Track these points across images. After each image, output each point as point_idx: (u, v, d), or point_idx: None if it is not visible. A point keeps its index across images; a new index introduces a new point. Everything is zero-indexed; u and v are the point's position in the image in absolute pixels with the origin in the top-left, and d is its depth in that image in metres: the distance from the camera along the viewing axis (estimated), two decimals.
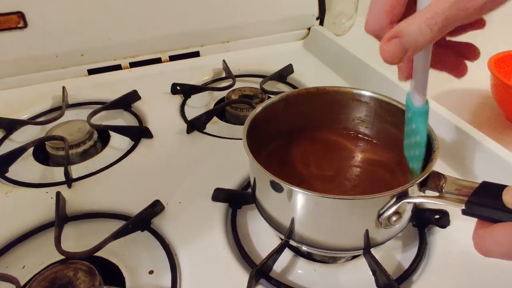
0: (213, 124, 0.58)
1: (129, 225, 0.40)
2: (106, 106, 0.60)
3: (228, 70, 0.69)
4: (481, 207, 0.28)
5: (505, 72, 0.58)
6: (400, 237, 0.41)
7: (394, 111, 0.40)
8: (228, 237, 0.41)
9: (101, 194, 0.46)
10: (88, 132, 0.54)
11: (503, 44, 0.61)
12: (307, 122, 0.44)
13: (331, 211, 0.33)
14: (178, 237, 0.41)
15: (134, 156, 0.52)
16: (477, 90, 0.62)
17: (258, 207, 0.39)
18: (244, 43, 0.77)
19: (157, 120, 0.58)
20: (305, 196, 0.32)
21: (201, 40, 0.74)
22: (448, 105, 0.54)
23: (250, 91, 0.63)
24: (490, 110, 0.58)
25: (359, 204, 0.32)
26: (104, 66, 0.70)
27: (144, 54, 0.72)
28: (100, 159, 0.52)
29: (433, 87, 0.62)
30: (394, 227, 0.34)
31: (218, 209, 0.43)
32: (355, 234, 0.34)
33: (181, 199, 0.45)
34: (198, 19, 0.72)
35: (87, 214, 0.44)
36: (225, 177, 0.47)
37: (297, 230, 0.35)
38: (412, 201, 0.32)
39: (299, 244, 0.36)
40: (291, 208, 0.34)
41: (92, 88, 0.66)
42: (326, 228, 0.34)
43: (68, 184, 0.47)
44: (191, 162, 0.50)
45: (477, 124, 0.50)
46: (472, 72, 0.66)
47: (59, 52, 0.66)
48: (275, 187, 0.34)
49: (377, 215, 0.32)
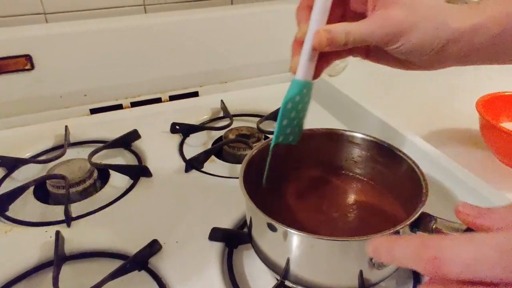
0: (211, 163, 0.60)
1: (126, 265, 0.40)
2: (107, 145, 0.61)
3: (225, 109, 0.71)
4: None
5: (493, 113, 0.60)
6: (394, 276, 0.42)
7: (385, 152, 0.42)
8: (224, 277, 0.41)
9: (99, 233, 0.46)
10: (88, 171, 0.55)
11: (490, 85, 0.64)
12: (302, 163, 0.45)
13: (325, 252, 0.34)
14: (175, 277, 0.41)
15: (133, 195, 0.53)
16: (467, 130, 0.65)
17: (254, 246, 0.40)
18: (242, 83, 0.80)
19: (156, 159, 0.60)
20: (300, 237, 0.33)
21: (200, 80, 0.77)
22: (438, 145, 0.56)
23: (247, 131, 0.65)
24: (479, 150, 0.60)
25: (353, 245, 0.33)
26: (106, 106, 0.72)
27: (145, 94, 0.74)
28: (99, 198, 0.53)
29: (424, 127, 0.64)
30: (388, 267, 0.35)
31: (215, 248, 0.44)
32: (349, 275, 0.35)
33: (179, 239, 0.45)
34: (197, 61, 0.75)
35: (85, 254, 0.44)
36: (222, 216, 0.47)
37: (292, 271, 0.36)
38: None
39: (295, 285, 0.37)
40: (286, 249, 0.35)
41: (94, 127, 0.68)
42: (321, 268, 0.35)
43: (68, 223, 0.47)
44: (189, 201, 0.51)
45: (466, 164, 0.52)
46: (461, 113, 0.69)
47: (63, 92, 0.69)
48: (271, 227, 0.35)
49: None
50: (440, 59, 0.34)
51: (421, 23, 0.33)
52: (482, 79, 0.78)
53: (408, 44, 0.33)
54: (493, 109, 0.60)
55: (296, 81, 0.36)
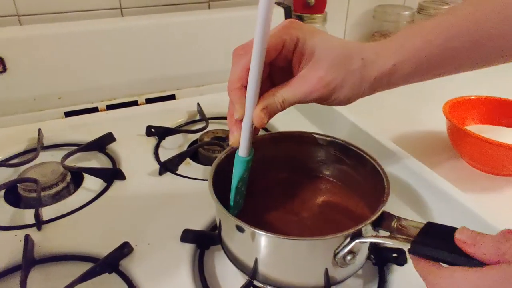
0: (186, 166, 0.60)
1: (96, 267, 0.40)
2: (81, 148, 0.61)
3: (202, 112, 0.71)
4: (426, 247, 0.30)
5: (459, 116, 0.62)
6: (361, 275, 0.43)
7: (351, 154, 0.43)
8: (195, 278, 0.42)
9: (70, 237, 0.46)
10: (61, 174, 0.55)
11: (456, 90, 0.67)
12: (272, 165, 0.46)
13: (291, 251, 0.35)
14: (146, 279, 0.41)
15: (106, 198, 0.53)
16: (435, 133, 0.67)
17: (224, 247, 0.40)
18: (218, 87, 0.80)
19: (130, 161, 0.60)
20: (266, 238, 0.34)
21: (177, 84, 0.77)
22: (407, 147, 0.58)
23: (223, 133, 0.65)
24: (446, 151, 0.62)
25: (316, 244, 0.34)
26: (81, 109, 0.72)
27: (121, 97, 0.74)
28: (72, 201, 0.53)
29: (393, 130, 0.66)
30: (352, 265, 0.36)
31: (186, 250, 0.44)
32: (315, 273, 0.36)
33: (150, 241, 0.46)
34: (174, 64, 0.76)
35: (55, 257, 0.44)
36: (194, 218, 0.48)
37: (261, 271, 0.37)
38: (365, 240, 0.34)
39: (263, 285, 0.38)
40: (254, 249, 0.35)
41: (68, 130, 0.68)
42: (288, 268, 0.36)
43: (38, 227, 0.47)
44: (162, 203, 0.51)
45: (435, 164, 0.54)
46: (429, 116, 0.71)
47: (37, 95, 0.68)
48: (239, 229, 0.35)
49: (333, 254, 0.34)
50: (368, 94, 0.39)
51: (347, 80, 0.36)
52: (449, 84, 0.81)
53: (338, 99, 0.37)
54: (459, 112, 0.62)
55: (242, 160, 0.38)
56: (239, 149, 0.38)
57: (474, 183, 0.57)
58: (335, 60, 0.35)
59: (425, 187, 0.51)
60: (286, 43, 0.35)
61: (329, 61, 0.35)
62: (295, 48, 0.36)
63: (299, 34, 0.36)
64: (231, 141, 0.38)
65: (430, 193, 0.50)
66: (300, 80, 0.36)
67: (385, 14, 1.00)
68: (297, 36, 0.36)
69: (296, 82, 0.36)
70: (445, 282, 0.26)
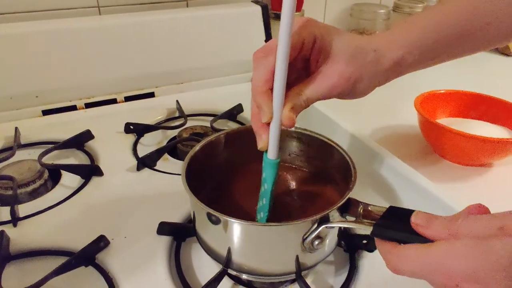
0: (164, 162, 0.61)
1: (72, 260, 0.41)
2: (58, 145, 0.61)
3: (181, 110, 0.72)
4: (387, 229, 0.31)
5: (430, 110, 0.64)
6: (333, 262, 0.44)
7: (321, 145, 0.45)
8: (171, 269, 0.43)
9: (47, 232, 0.47)
10: (38, 171, 0.55)
11: (426, 85, 0.69)
12: (246, 157, 0.47)
13: (261, 238, 0.36)
14: (122, 271, 0.42)
15: (83, 194, 0.53)
16: (407, 126, 0.69)
17: (198, 239, 0.41)
18: (197, 84, 0.81)
19: (109, 158, 0.60)
20: (236, 225, 0.35)
21: (156, 81, 0.78)
22: (380, 140, 0.60)
23: (201, 129, 0.66)
24: (418, 143, 0.64)
25: (285, 229, 0.35)
26: (59, 107, 0.72)
27: (100, 95, 0.74)
28: (49, 198, 0.53)
29: (368, 124, 0.68)
30: (321, 251, 0.37)
31: (163, 242, 0.45)
32: (285, 259, 0.37)
33: (127, 234, 0.46)
34: (153, 62, 0.76)
35: (31, 252, 0.44)
36: (171, 212, 0.49)
37: (234, 259, 0.38)
38: (331, 225, 0.35)
39: (238, 273, 0.39)
40: (226, 238, 0.36)
41: (46, 128, 0.68)
42: (259, 254, 0.37)
43: (14, 223, 0.47)
44: (139, 198, 0.52)
45: (407, 156, 0.56)
46: (402, 110, 0.73)
47: (13, 94, 0.68)
48: (209, 217, 0.36)
49: (302, 239, 0.35)
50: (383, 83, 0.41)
51: (365, 72, 0.37)
52: (419, 79, 0.83)
53: (358, 92, 0.39)
54: (430, 106, 0.64)
55: (272, 162, 0.37)
56: (269, 152, 0.37)
57: (445, 173, 0.59)
58: (351, 54, 0.37)
59: (396, 178, 0.52)
60: (305, 42, 0.36)
61: (346, 56, 0.36)
62: (313, 46, 0.37)
63: (316, 32, 0.36)
64: (260, 145, 0.37)
65: (401, 184, 0.52)
66: (322, 76, 0.37)
67: (362, 12, 1.02)
68: (315, 34, 0.36)
69: (318, 79, 0.37)
70: (399, 259, 0.28)
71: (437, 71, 0.86)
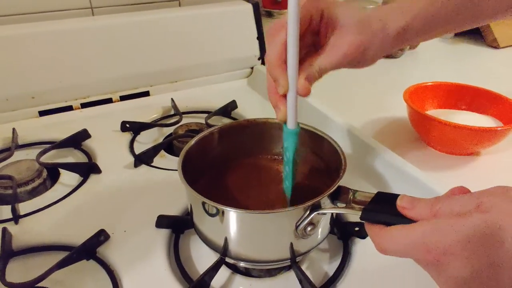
0: (161, 158, 0.62)
1: (73, 254, 0.42)
2: (56, 145, 0.62)
3: (176, 107, 0.73)
4: (375, 213, 0.33)
5: (419, 102, 0.66)
6: (327, 249, 0.46)
7: (314, 138, 0.46)
8: (171, 261, 0.44)
9: (48, 228, 0.48)
10: (37, 171, 0.56)
11: (414, 78, 0.71)
12: (240, 151, 0.49)
13: (255, 225, 0.37)
14: (123, 264, 0.43)
15: (83, 191, 0.54)
16: (397, 118, 0.71)
17: (196, 230, 0.43)
18: (192, 82, 0.82)
19: (106, 156, 0.61)
20: (232, 214, 0.36)
21: (150, 80, 0.79)
22: (371, 132, 0.61)
23: (196, 126, 0.68)
24: (408, 135, 0.66)
25: (278, 217, 0.36)
26: (55, 108, 0.73)
27: (95, 95, 0.75)
28: (49, 196, 0.54)
29: (360, 118, 0.70)
30: (314, 237, 0.39)
31: (162, 235, 0.46)
32: (280, 246, 0.38)
33: (127, 228, 0.47)
34: (148, 61, 0.77)
35: (33, 248, 0.46)
36: (169, 206, 0.50)
37: (231, 248, 0.39)
38: (323, 212, 0.36)
39: (235, 261, 0.40)
40: (223, 227, 0.38)
41: (43, 129, 0.69)
42: (255, 242, 0.39)
43: (15, 221, 0.48)
44: (138, 193, 0.53)
45: (397, 146, 0.57)
46: (392, 103, 0.75)
47: (10, 95, 0.69)
48: (205, 208, 0.38)
49: (295, 226, 0.36)
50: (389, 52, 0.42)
51: (372, 41, 0.39)
52: (407, 72, 0.85)
53: (367, 60, 0.40)
54: (419, 98, 0.66)
55: (292, 132, 0.39)
56: (288, 123, 0.38)
57: (434, 163, 0.61)
58: (358, 24, 0.38)
59: (386, 168, 0.54)
60: (313, 16, 0.38)
61: (354, 26, 0.38)
62: (321, 19, 0.38)
63: (322, 5, 0.38)
64: (279, 117, 0.38)
65: (391, 173, 0.53)
66: (332, 47, 0.38)
67: None
68: (322, 7, 0.38)
69: (329, 50, 0.38)
70: (385, 239, 0.29)
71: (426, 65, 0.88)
